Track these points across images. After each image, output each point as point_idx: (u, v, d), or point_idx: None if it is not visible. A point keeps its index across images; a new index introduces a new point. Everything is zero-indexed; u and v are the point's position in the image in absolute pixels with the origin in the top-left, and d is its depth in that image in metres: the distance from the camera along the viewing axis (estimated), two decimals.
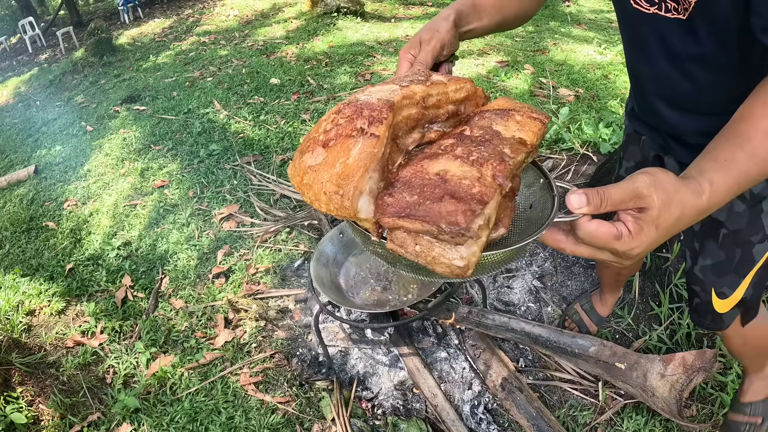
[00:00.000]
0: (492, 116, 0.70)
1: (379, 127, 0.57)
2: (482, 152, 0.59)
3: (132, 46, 7.47)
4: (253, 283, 2.24)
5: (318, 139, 0.59)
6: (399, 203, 0.53)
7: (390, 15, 7.10)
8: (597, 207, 0.53)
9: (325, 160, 0.57)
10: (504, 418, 1.58)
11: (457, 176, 0.55)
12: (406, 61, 0.84)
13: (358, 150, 0.55)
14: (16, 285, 2.49)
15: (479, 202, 0.51)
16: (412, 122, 0.65)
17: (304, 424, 1.64)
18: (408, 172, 0.58)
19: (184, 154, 3.48)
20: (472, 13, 0.91)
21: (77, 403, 1.84)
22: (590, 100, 3.64)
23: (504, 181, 0.55)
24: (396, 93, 0.62)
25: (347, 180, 0.54)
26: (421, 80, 0.68)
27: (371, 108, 0.59)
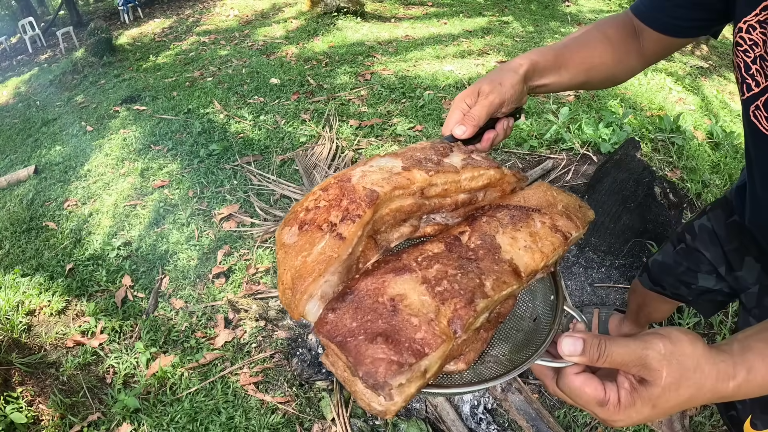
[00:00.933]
0: (504, 218, 0.60)
1: (349, 227, 0.51)
2: (455, 281, 0.51)
3: (132, 46, 7.47)
4: (253, 283, 2.24)
5: (298, 215, 0.55)
6: (336, 326, 0.48)
7: (390, 15, 7.10)
8: (592, 360, 0.47)
9: (295, 244, 0.53)
10: (504, 418, 1.58)
11: (410, 308, 0.48)
12: (458, 110, 0.74)
13: (320, 248, 0.51)
14: (16, 285, 2.49)
15: (414, 355, 0.44)
16: (403, 215, 0.58)
17: (304, 424, 1.64)
18: (365, 285, 0.52)
19: (184, 154, 3.48)
20: (550, 67, 0.80)
21: (77, 403, 1.84)
22: (590, 100, 3.64)
23: (460, 330, 0.48)
24: (389, 180, 0.55)
25: (300, 280, 0.50)
26: (432, 162, 0.60)
27: (351, 198, 0.53)
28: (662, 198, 2.18)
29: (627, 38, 0.83)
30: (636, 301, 1.49)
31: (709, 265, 1.10)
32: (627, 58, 0.84)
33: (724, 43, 5.89)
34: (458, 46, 5.27)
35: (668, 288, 1.24)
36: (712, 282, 1.11)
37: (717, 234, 1.07)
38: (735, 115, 3.78)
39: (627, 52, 0.83)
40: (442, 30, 6.11)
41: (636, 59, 0.84)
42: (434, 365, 0.46)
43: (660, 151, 2.86)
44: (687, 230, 1.16)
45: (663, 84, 4.18)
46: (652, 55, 0.84)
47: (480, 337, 0.57)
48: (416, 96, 3.83)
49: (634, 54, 0.83)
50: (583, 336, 0.48)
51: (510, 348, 0.63)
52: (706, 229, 1.10)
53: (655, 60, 0.85)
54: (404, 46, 5.34)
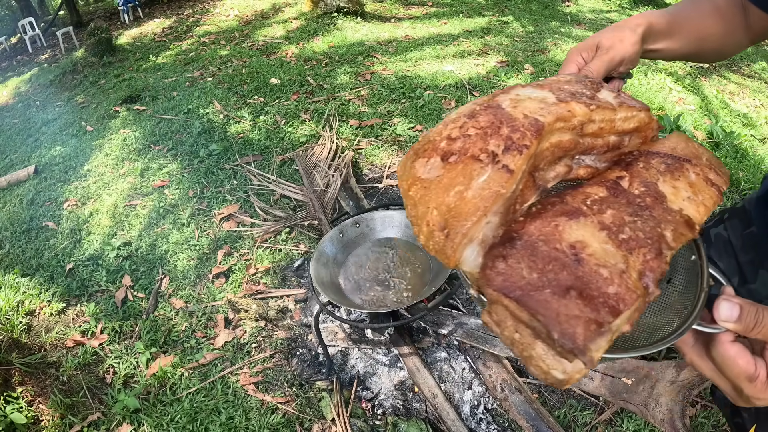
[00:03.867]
0: (660, 165, 0.55)
1: (515, 158, 0.44)
2: (638, 229, 0.45)
3: (132, 46, 7.47)
4: (253, 283, 2.24)
5: (438, 145, 0.48)
6: (512, 277, 0.41)
7: (390, 15, 7.10)
8: (747, 329, 0.44)
9: (439, 178, 0.46)
10: (504, 418, 1.58)
11: (595, 258, 0.42)
12: (573, 63, 0.70)
13: (483, 182, 0.44)
14: (16, 285, 2.49)
15: (611, 312, 0.39)
16: (560, 152, 0.52)
17: (304, 424, 1.64)
18: (535, 229, 0.45)
19: (184, 154, 3.48)
20: (665, 31, 0.74)
21: (77, 403, 1.84)
22: None
23: (653, 286, 0.42)
24: (549, 110, 0.49)
25: (458, 220, 0.43)
26: (586, 96, 0.54)
27: (513, 126, 0.46)
28: None
29: (736, 11, 0.78)
30: None
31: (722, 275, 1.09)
32: (736, 32, 0.79)
33: None
34: (458, 46, 5.27)
35: None
36: None
37: (732, 244, 1.06)
38: (735, 115, 3.78)
39: (736, 25, 0.78)
40: (442, 30, 6.11)
41: (744, 35, 0.79)
42: (623, 325, 0.40)
43: None
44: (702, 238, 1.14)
45: (663, 84, 4.18)
46: (759, 33, 0.79)
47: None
48: (416, 96, 3.83)
49: (742, 29, 0.78)
50: (740, 302, 0.45)
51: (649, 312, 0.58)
52: (721, 238, 1.08)
53: (761, 38, 0.80)
54: (404, 46, 5.34)
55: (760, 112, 4.00)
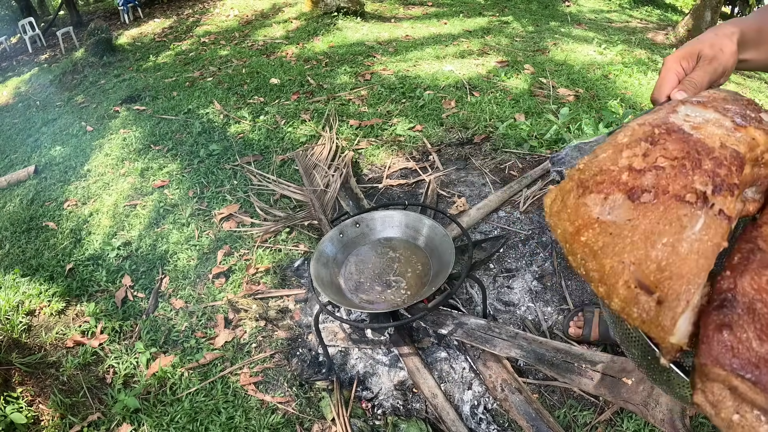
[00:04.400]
0: None
1: (727, 201, 0.37)
2: None
3: (132, 46, 7.47)
4: (253, 283, 2.24)
5: (617, 177, 0.40)
6: (743, 352, 0.34)
7: (390, 15, 7.10)
8: None
9: (633, 223, 0.37)
10: (504, 418, 1.58)
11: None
12: (672, 72, 0.64)
13: (699, 233, 0.36)
14: (16, 285, 2.49)
15: None
16: (742, 185, 0.44)
17: (304, 424, 1.64)
18: (749, 287, 0.37)
19: (184, 154, 3.48)
20: (754, 41, 0.68)
21: (77, 403, 1.84)
22: (590, 100, 3.64)
23: None
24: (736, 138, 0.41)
25: (677, 282, 0.35)
26: (754, 119, 0.47)
27: (715, 159, 0.39)
28: None
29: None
30: None
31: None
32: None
33: None
34: (458, 46, 5.26)
35: None
36: None
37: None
38: None
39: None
40: (442, 30, 6.11)
41: None
42: None
43: None
44: None
45: None
46: None
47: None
48: (416, 96, 3.83)
49: None
50: None
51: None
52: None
53: None
54: (404, 46, 5.34)
55: None
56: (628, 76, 4.23)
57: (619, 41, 5.84)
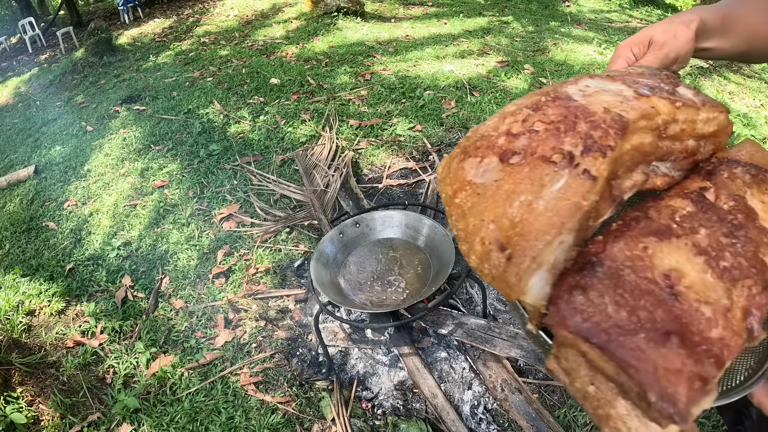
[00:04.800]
0: (745, 176, 0.46)
1: (598, 162, 0.36)
2: (738, 254, 0.37)
3: (132, 46, 7.47)
4: (253, 283, 2.24)
5: (495, 141, 0.40)
6: (594, 315, 0.33)
7: (390, 15, 7.10)
8: None
9: (497, 183, 0.37)
10: (504, 418, 1.58)
11: (695, 292, 0.34)
12: (622, 58, 0.64)
13: (558, 191, 0.35)
14: (16, 285, 2.49)
15: (716, 363, 0.31)
16: (640, 156, 0.43)
17: (304, 424, 1.64)
18: (619, 252, 0.36)
19: (184, 154, 3.48)
20: (717, 29, 0.67)
21: (77, 403, 1.84)
22: None
23: (758, 327, 0.34)
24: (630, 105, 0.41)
25: (526, 239, 0.34)
26: (666, 92, 0.45)
27: (592, 122, 0.38)
28: None
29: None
30: None
31: None
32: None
33: None
34: (458, 46, 5.27)
35: None
36: None
37: None
38: (735, 115, 3.78)
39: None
40: (442, 30, 6.11)
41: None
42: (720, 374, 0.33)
43: None
44: None
45: None
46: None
47: None
48: (416, 96, 3.83)
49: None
50: None
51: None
52: None
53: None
54: (404, 46, 5.34)
55: (760, 112, 4.00)
56: None
57: (619, 41, 5.83)
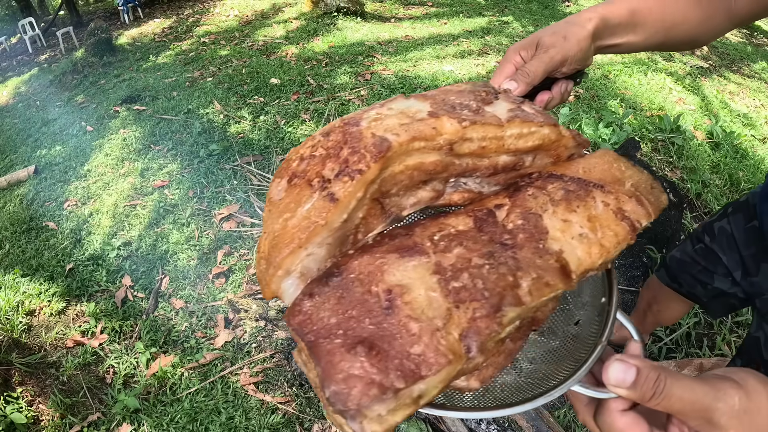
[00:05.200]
0: (557, 192, 0.46)
1: (345, 186, 0.39)
2: (480, 276, 0.38)
3: (132, 46, 7.47)
4: (253, 283, 2.24)
5: (290, 164, 0.44)
6: (311, 319, 0.37)
7: (390, 15, 7.10)
8: (644, 398, 0.37)
9: (280, 201, 0.42)
10: (504, 418, 1.58)
11: (411, 307, 0.36)
12: (511, 63, 0.64)
13: (305, 212, 0.40)
14: (16, 285, 2.49)
15: (404, 377, 0.33)
16: (423, 175, 0.44)
17: (304, 424, 1.64)
18: (359, 265, 0.40)
19: (184, 154, 3.48)
20: (624, 24, 0.67)
21: (77, 403, 1.84)
22: (590, 100, 3.64)
23: (476, 348, 0.35)
24: (408, 128, 0.42)
25: (277, 251, 0.39)
26: (469, 109, 0.47)
27: (354, 148, 0.41)
28: None
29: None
30: (647, 298, 1.46)
31: (725, 269, 1.09)
32: (714, 16, 0.70)
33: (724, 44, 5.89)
34: (458, 46, 5.27)
35: (685, 286, 1.23)
36: (728, 285, 1.10)
37: (735, 238, 1.05)
38: (735, 115, 3.78)
39: (715, 8, 0.69)
40: (442, 30, 6.11)
41: (723, 17, 0.70)
42: (432, 390, 0.35)
43: (660, 151, 2.86)
44: (706, 230, 1.14)
45: (663, 84, 4.18)
46: (746, 14, 0.70)
47: (504, 349, 0.44)
48: None
49: (722, 11, 0.70)
50: (639, 364, 0.37)
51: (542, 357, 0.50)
52: (725, 232, 1.08)
53: (744, 21, 0.72)
54: (404, 46, 5.34)
55: (760, 112, 4.00)
56: (628, 76, 4.23)
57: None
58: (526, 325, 0.45)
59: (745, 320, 1.87)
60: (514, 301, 0.37)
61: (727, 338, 1.76)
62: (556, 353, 0.50)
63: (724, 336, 1.77)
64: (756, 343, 0.97)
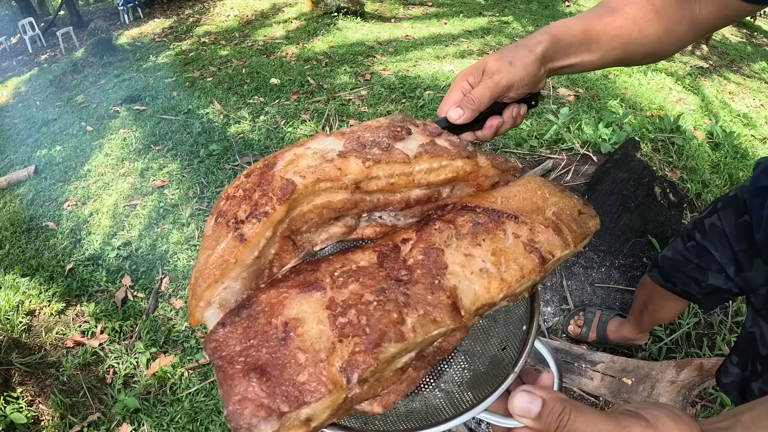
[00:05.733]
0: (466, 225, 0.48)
1: (253, 227, 0.43)
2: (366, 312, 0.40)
3: (132, 46, 7.47)
4: None
5: (219, 203, 0.48)
6: (220, 346, 0.41)
7: (390, 15, 7.10)
8: (548, 430, 0.37)
9: (208, 237, 0.47)
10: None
11: (302, 339, 0.39)
12: (458, 89, 0.65)
13: (221, 249, 0.44)
14: (16, 285, 2.49)
15: (288, 402, 0.37)
16: (332, 212, 0.47)
17: None
18: (266, 298, 0.43)
19: (184, 154, 3.48)
20: (577, 44, 0.66)
21: (77, 403, 1.84)
22: (590, 100, 3.64)
23: (355, 380, 0.38)
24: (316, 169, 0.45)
25: (199, 282, 0.44)
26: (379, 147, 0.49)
27: (264, 190, 0.44)
28: (662, 198, 2.18)
29: (678, 4, 0.67)
30: (642, 298, 1.46)
31: (718, 265, 1.09)
32: (676, 28, 0.67)
33: (724, 44, 5.89)
34: (458, 46, 5.27)
35: (678, 285, 1.23)
36: (722, 281, 1.10)
37: (727, 234, 1.05)
38: (735, 115, 3.78)
39: (676, 20, 0.67)
40: (442, 30, 6.11)
41: (687, 28, 0.68)
42: (321, 415, 0.38)
43: (660, 151, 2.86)
44: (697, 227, 1.14)
45: (663, 84, 4.18)
46: (710, 22, 0.68)
47: (406, 378, 0.45)
48: (416, 96, 3.83)
49: (685, 22, 0.67)
50: (545, 395, 0.37)
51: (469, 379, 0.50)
52: (716, 228, 1.08)
53: (711, 29, 0.70)
54: (404, 46, 5.34)
55: (760, 112, 4.00)
56: (628, 76, 4.24)
57: None
58: (431, 354, 0.46)
59: (744, 320, 1.87)
60: (396, 338, 0.39)
61: (727, 338, 1.76)
62: (482, 377, 0.50)
63: (724, 336, 1.76)
64: (752, 338, 0.97)
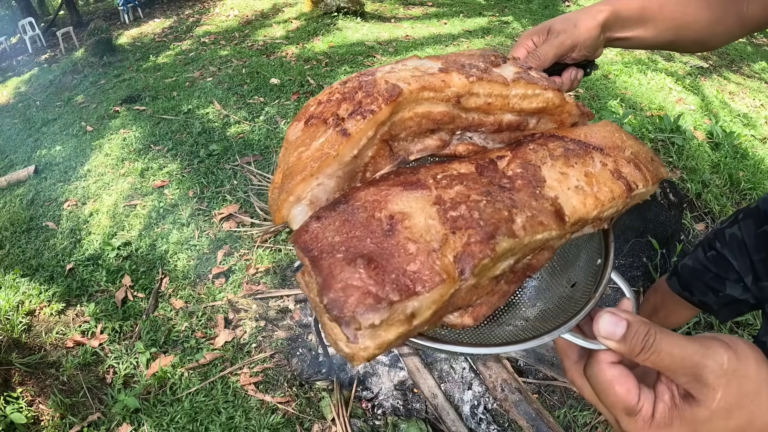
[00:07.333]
0: (557, 149, 0.48)
1: (358, 123, 0.43)
2: (476, 208, 0.40)
3: (132, 46, 7.47)
4: (253, 283, 2.24)
5: (308, 109, 0.48)
6: (316, 237, 0.39)
7: (390, 15, 7.10)
8: (633, 351, 0.37)
9: (297, 139, 0.46)
10: (504, 418, 1.58)
11: (410, 231, 0.38)
12: (523, 47, 0.67)
13: (319, 144, 0.43)
14: (16, 285, 2.49)
15: (399, 290, 0.35)
16: (431, 123, 0.47)
17: (304, 424, 1.64)
18: (365, 195, 0.42)
19: (184, 154, 3.47)
20: (635, 18, 0.68)
21: (77, 403, 1.84)
22: (590, 100, 3.64)
23: (469, 270, 0.37)
24: (419, 79, 0.46)
25: (290, 179, 0.43)
26: (477, 69, 0.49)
27: (368, 92, 0.44)
28: (662, 198, 2.18)
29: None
30: (654, 302, 1.45)
31: (736, 274, 1.09)
32: (725, 20, 0.69)
33: None
34: (458, 46, 5.27)
35: (696, 294, 1.23)
36: (739, 291, 1.10)
37: (746, 244, 1.06)
38: (735, 115, 3.78)
39: (726, 12, 0.69)
40: (442, 30, 6.11)
41: (735, 22, 0.70)
42: (426, 311, 0.37)
43: (660, 151, 2.86)
44: (718, 237, 1.15)
45: (663, 84, 4.18)
46: (756, 20, 0.69)
47: (498, 290, 0.45)
48: None
49: (733, 16, 0.69)
50: (629, 318, 0.37)
51: (536, 313, 0.52)
52: (735, 238, 1.09)
53: (757, 27, 0.71)
54: (404, 46, 5.34)
55: (760, 112, 4.00)
56: (628, 76, 4.23)
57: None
58: (521, 270, 0.47)
59: (744, 320, 1.87)
60: (508, 233, 0.39)
61: None
62: (550, 312, 0.51)
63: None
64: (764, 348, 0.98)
